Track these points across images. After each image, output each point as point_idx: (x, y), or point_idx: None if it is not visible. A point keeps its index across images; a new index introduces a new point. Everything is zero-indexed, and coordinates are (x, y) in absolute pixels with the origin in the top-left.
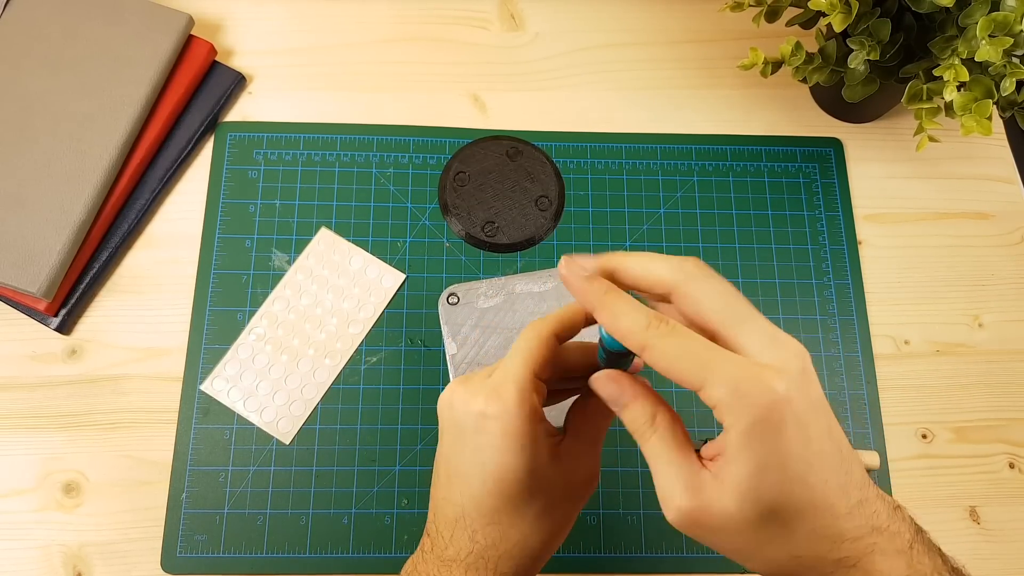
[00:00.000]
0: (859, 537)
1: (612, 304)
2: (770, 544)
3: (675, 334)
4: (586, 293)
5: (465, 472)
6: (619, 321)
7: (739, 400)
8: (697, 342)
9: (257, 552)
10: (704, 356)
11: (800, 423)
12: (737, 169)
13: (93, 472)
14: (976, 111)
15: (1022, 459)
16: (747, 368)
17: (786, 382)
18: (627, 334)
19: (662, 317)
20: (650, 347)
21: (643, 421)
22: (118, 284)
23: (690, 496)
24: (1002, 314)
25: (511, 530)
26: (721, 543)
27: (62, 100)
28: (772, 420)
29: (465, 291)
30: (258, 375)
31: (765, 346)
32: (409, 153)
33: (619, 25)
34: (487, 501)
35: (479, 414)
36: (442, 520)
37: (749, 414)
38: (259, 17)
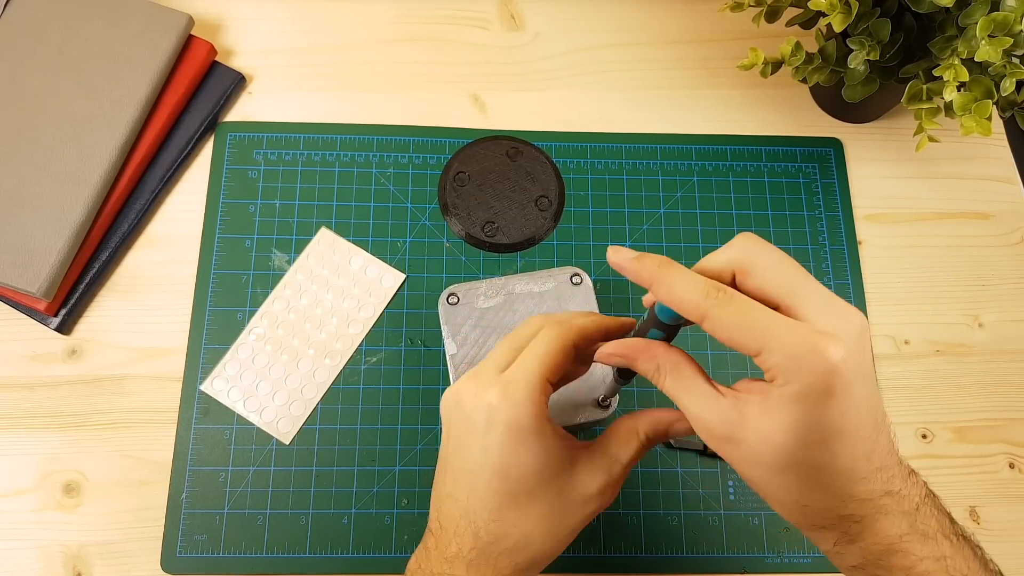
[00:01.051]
0: (869, 499)
1: (669, 276)
2: (781, 487)
3: (733, 302)
4: (640, 270)
5: (471, 468)
6: (676, 291)
7: (793, 366)
8: (755, 309)
9: (257, 552)
10: (762, 323)
11: (845, 393)
12: (737, 169)
13: (93, 472)
14: (976, 111)
15: (1022, 459)
16: (804, 335)
17: (841, 351)
18: (686, 303)
19: (719, 286)
20: (709, 316)
21: (651, 372)
22: (118, 284)
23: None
24: (1002, 314)
25: (513, 529)
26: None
27: (62, 100)
28: (821, 387)
29: (465, 291)
30: (258, 375)
31: (824, 312)
32: (409, 153)
33: (619, 25)
34: (491, 497)
35: (489, 407)
36: (446, 517)
37: (803, 379)
38: (259, 17)
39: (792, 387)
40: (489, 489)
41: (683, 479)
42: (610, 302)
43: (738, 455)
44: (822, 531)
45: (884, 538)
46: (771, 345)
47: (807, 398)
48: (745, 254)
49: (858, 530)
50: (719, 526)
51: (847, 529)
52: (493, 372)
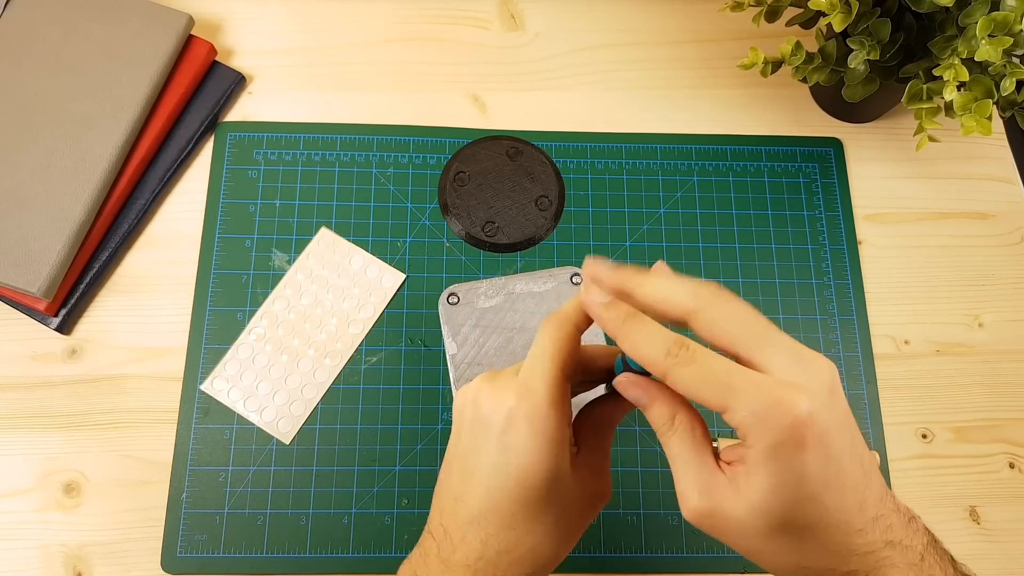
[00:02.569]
0: (871, 552)
1: (632, 332)
2: (779, 552)
3: (695, 360)
4: (606, 321)
5: (485, 472)
6: (639, 349)
7: (761, 422)
8: (719, 366)
9: (257, 552)
10: (725, 380)
11: (821, 442)
12: (737, 169)
13: (93, 472)
14: (976, 111)
15: (1022, 459)
16: (769, 390)
17: (809, 401)
18: (648, 362)
19: (683, 342)
20: (670, 374)
21: (663, 422)
22: (118, 284)
23: (704, 498)
24: (1002, 314)
25: (526, 536)
26: (733, 543)
27: (62, 100)
28: (792, 441)
29: (465, 291)
30: (258, 375)
31: (790, 364)
32: (409, 153)
33: (619, 25)
34: (506, 504)
35: (509, 411)
36: (452, 521)
37: (770, 436)
38: (259, 17)
39: (762, 445)
40: (504, 495)
41: None
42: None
43: (723, 529)
44: None
45: None
46: (735, 403)
47: (780, 454)
48: (705, 306)
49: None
50: None
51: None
52: (511, 375)
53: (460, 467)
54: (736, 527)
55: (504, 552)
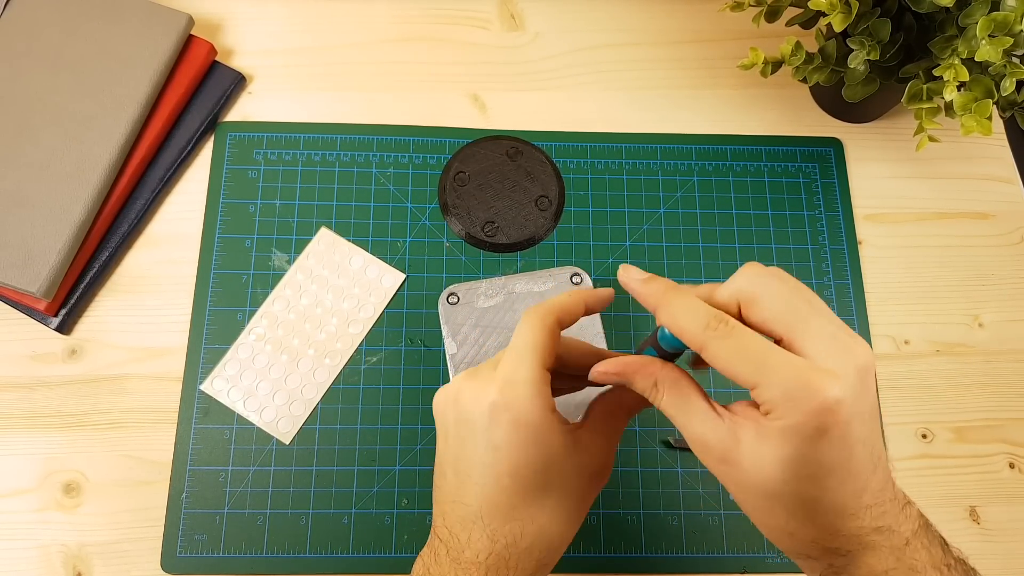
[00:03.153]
0: (856, 535)
1: (672, 302)
2: (767, 513)
3: (733, 335)
4: (647, 294)
5: (477, 471)
6: (679, 319)
7: (788, 403)
8: (754, 343)
9: (257, 552)
10: (760, 358)
11: (840, 432)
12: (737, 169)
13: (93, 472)
14: (976, 111)
15: (1022, 459)
16: (801, 372)
17: (839, 389)
18: (686, 331)
19: (722, 316)
20: (708, 347)
21: (648, 390)
22: (118, 284)
23: (716, 441)
24: (1002, 314)
25: (530, 525)
26: (729, 489)
27: (62, 100)
28: (812, 426)
29: (465, 291)
30: (258, 375)
31: (827, 349)
32: (409, 153)
33: (619, 25)
34: (503, 498)
35: (491, 405)
36: (456, 523)
37: (793, 417)
38: (259, 17)
39: (785, 422)
40: (499, 490)
41: (683, 479)
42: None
43: (731, 476)
44: (808, 560)
45: (869, 573)
46: (767, 380)
47: (799, 435)
48: (750, 285)
49: (843, 563)
50: (719, 526)
51: (832, 561)
52: (489, 370)
53: (452, 469)
54: (739, 477)
55: (511, 544)
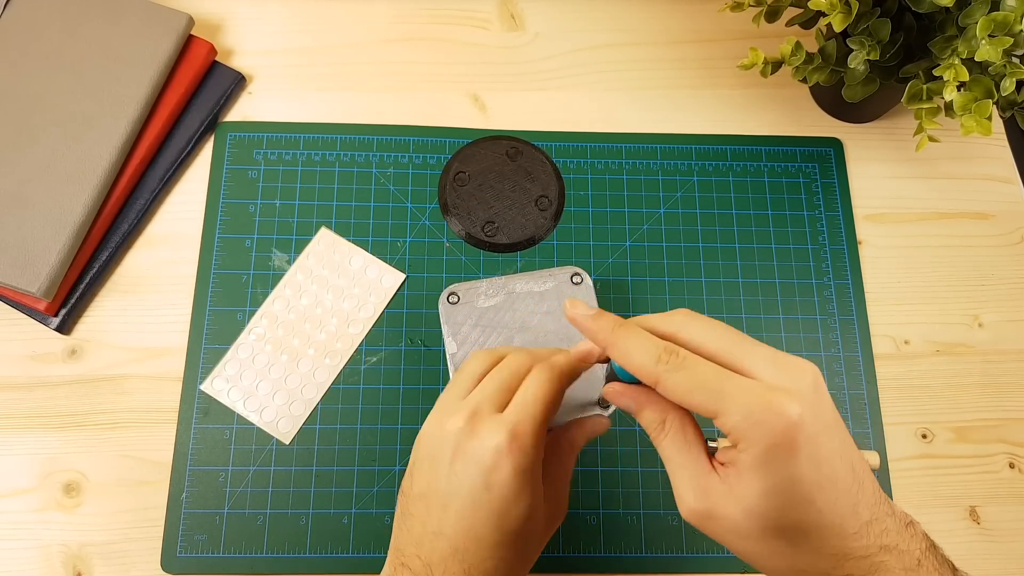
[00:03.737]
0: (866, 556)
1: (622, 340)
2: (774, 555)
3: (685, 366)
4: (595, 332)
5: (469, 508)
6: (631, 356)
7: (753, 428)
8: (708, 371)
9: (257, 552)
10: (716, 385)
11: (812, 445)
12: (737, 169)
13: (93, 472)
14: (976, 111)
15: (1022, 459)
16: (760, 394)
17: (799, 404)
18: (639, 369)
19: (672, 348)
20: (662, 380)
21: (655, 425)
22: (118, 284)
23: (700, 499)
24: (1002, 314)
25: (502, 563)
26: (729, 544)
27: (62, 100)
28: (784, 445)
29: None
30: (258, 375)
31: (773, 369)
32: (409, 153)
33: (619, 25)
34: (488, 538)
35: (496, 450)
36: (433, 554)
37: (763, 440)
38: (259, 17)
39: (756, 449)
40: (486, 530)
41: None
42: (610, 301)
43: (719, 531)
44: None
45: None
46: (727, 407)
47: (773, 457)
48: (680, 327)
49: None
50: None
51: None
52: (490, 411)
53: (440, 503)
54: (732, 528)
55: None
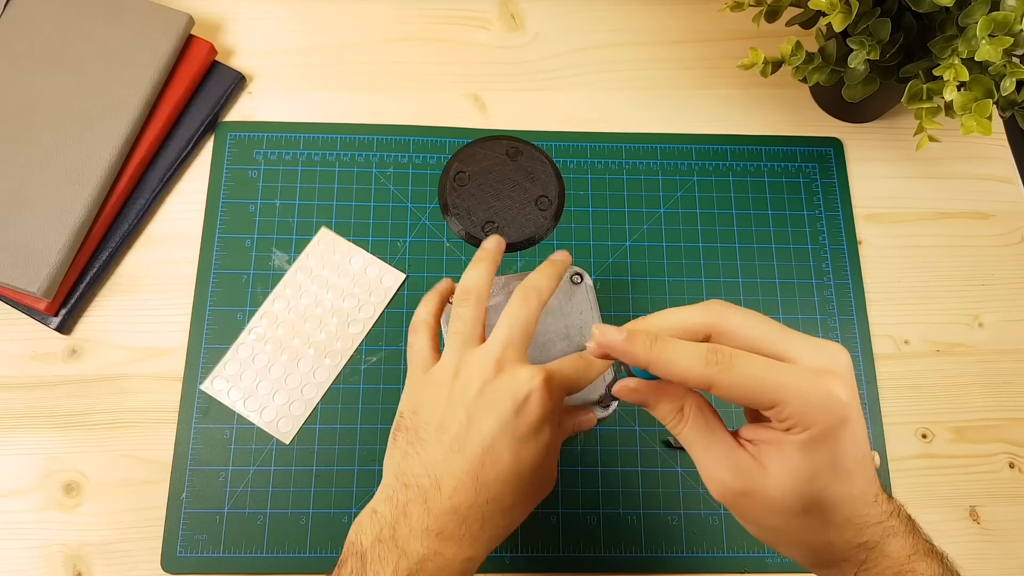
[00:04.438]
0: (880, 522)
1: (664, 352)
2: (805, 530)
3: (734, 364)
4: (634, 354)
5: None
6: (678, 366)
7: (810, 412)
8: (759, 365)
9: (257, 552)
10: (769, 378)
11: (855, 424)
12: (737, 169)
13: (93, 472)
14: (976, 111)
15: (1022, 459)
16: (811, 379)
17: (844, 383)
18: (690, 376)
19: (716, 348)
20: (716, 382)
21: (672, 415)
22: (118, 284)
23: (736, 478)
24: (1002, 314)
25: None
26: (758, 522)
27: (62, 100)
28: (837, 426)
29: None
30: (258, 375)
31: (813, 352)
32: (409, 153)
33: (619, 25)
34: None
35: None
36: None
37: (819, 422)
38: (259, 17)
39: (813, 431)
40: (508, 454)
41: (683, 479)
42: (610, 301)
43: (754, 507)
44: (841, 565)
45: (895, 561)
46: (784, 396)
47: (827, 438)
48: (717, 317)
49: (875, 557)
50: (719, 526)
51: (865, 558)
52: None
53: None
54: (768, 505)
55: (494, 500)
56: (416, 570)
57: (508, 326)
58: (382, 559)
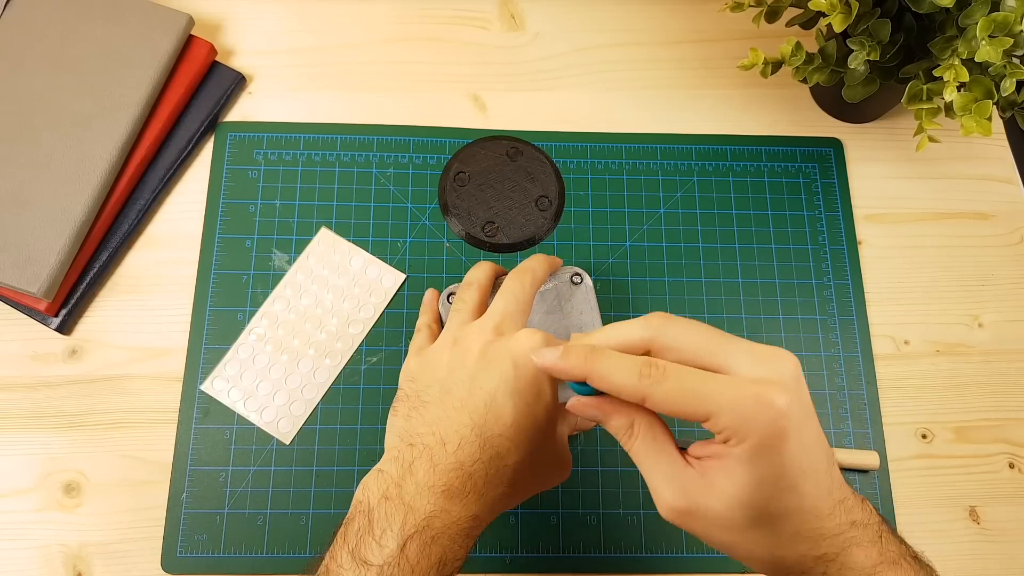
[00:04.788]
0: (839, 533)
1: (599, 366)
2: (755, 543)
3: (668, 377)
4: (570, 369)
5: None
6: (612, 379)
7: (744, 423)
8: (692, 377)
9: (257, 552)
10: (702, 390)
11: (798, 433)
12: (737, 169)
13: (93, 472)
14: (976, 111)
15: (1022, 459)
16: (746, 389)
17: (784, 395)
18: (624, 389)
19: (651, 362)
20: (649, 395)
21: (623, 431)
22: (118, 284)
23: (680, 496)
24: (1002, 314)
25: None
26: (708, 538)
27: (62, 100)
28: (775, 435)
29: None
30: (258, 375)
31: (754, 362)
32: (409, 153)
33: (619, 25)
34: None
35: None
36: (450, 427)
37: (754, 433)
38: (259, 17)
39: (749, 443)
40: (509, 407)
41: None
42: (610, 301)
43: (701, 525)
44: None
45: (860, 572)
46: (716, 408)
47: (766, 449)
48: (657, 331)
49: (836, 569)
50: None
51: (825, 570)
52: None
53: (466, 384)
54: (715, 521)
55: (497, 457)
56: (424, 527)
57: (505, 300)
58: (389, 516)
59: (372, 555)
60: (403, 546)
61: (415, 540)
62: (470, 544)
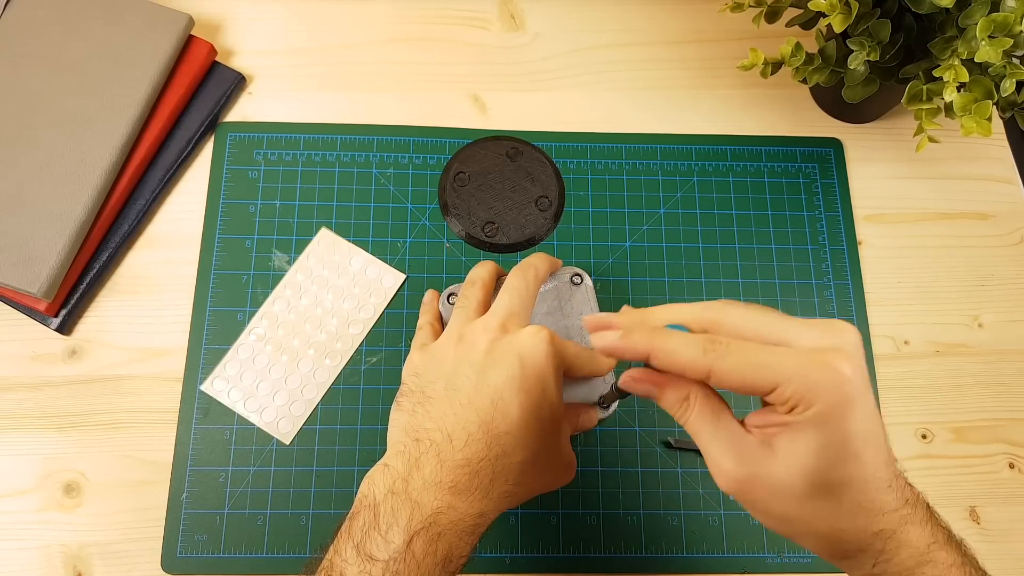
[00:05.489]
0: (895, 509)
1: (664, 344)
2: (815, 515)
3: (732, 351)
4: (632, 348)
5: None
6: (678, 356)
7: (811, 390)
8: (756, 350)
9: (257, 552)
10: (769, 361)
11: (862, 401)
12: (737, 169)
13: (93, 472)
14: (976, 112)
15: (1022, 459)
16: (811, 356)
17: (848, 360)
18: (689, 366)
19: (712, 338)
20: (714, 370)
21: (678, 404)
22: (118, 284)
23: (742, 464)
24: (1002, 314)
25: (519, 445)
26: (767, 510)
27: (62, 100)
28: (841, 402)
29: None
30: (258, 375)
31: (817, 332)
32: (409, 153)
33: (619, 25)
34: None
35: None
36: (457, 423)
37: (821, 399)
38: (259, 17)
39: (815, 408)
40: (515, 404)
41: (683, 479)
42: (610, 301)
43: (761, 494)
44: (859, 555)
45: (915, 550)
46: (784, 378)
47: (832, 415)
48: (718, 312)
49: (893, 546)
50: (719, 526)
51: (883, 547)
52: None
53: (473, 381)
54: (776, 491)
55: (504, 454)
56: (430, 523)
57: (509, 296)
58: (395, 512)
59: (378, 550)
60: (409, 542)
61: (421, 536)
62: (475, 541)
